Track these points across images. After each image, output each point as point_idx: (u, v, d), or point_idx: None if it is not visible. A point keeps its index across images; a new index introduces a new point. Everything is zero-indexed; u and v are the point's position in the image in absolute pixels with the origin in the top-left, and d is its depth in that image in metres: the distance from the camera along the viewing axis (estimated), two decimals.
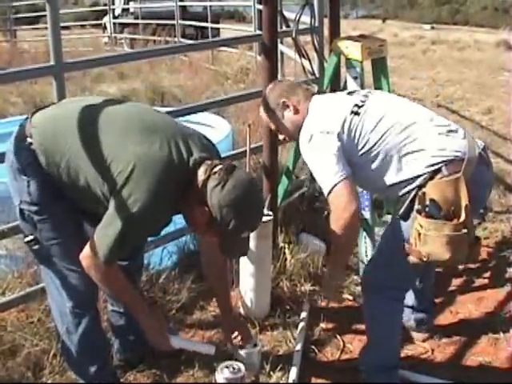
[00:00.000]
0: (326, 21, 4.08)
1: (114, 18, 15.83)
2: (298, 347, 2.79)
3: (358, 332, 3.02)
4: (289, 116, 2.62)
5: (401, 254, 2.28)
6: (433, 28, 23.05)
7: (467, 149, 2.28)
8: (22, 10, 18.86)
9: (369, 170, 2.41)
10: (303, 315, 3.06)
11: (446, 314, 3.19)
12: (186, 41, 11.50)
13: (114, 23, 15.60)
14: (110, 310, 2.67)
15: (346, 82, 3.45)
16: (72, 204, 2.23)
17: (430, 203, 2.20)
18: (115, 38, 15.47)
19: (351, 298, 3.29)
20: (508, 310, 3.18)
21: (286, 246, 3.42)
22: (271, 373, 2.63)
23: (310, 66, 4.01)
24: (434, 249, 2.17)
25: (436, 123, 2.39)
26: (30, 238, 2.22)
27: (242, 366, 2.36)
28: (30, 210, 2.19)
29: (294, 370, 2.63)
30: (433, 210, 2.19)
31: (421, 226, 2.18)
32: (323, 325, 3.05)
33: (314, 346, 2.88)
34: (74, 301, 2.27)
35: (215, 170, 2.02)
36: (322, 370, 2.75)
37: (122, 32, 15.49)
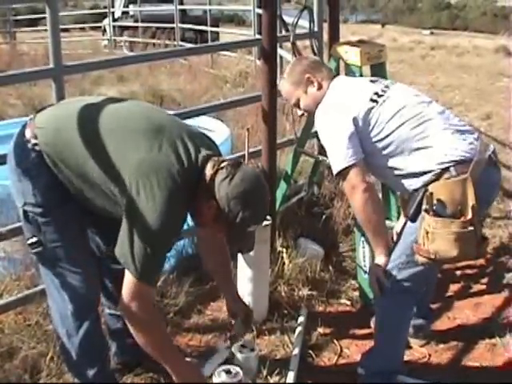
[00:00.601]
0: (326, 25, 4.10)
1: (114, 20, 15.85)
2: (296, 352, 2.79)
3: (355, 337, 3.02)
4: (312, 91, 2.70)
5: (412, 257, 2.33)
6: (432, 33, 23.13)
7: (478, 151, 2.32)
8: (21, 12, 18.83)
9: (379, 158, 2.47)
10: (301, 320, 3.06)
11: (443, 319, 3.19)
12: (186, 44, 11.53)
13: (114, 26, 15.61)
14: (107, 313, 2.66)
15: None
16: (77, 206, 2.23)
17: (438, 203, 2.24)
18: (115, 40, 15.49)
19: (349, 302, 3.29)
20: (505, 315, 3.18)
21: (284, 251, 3.42)
22: (268, 377, 2.63)
23: None
24: (442, 246, 2.21)
25: (451, 122, 2.44)
26: (33, 239, 2.20)
27: (239, 370, 2.37)
28: (35, 211, 2.17)
29: (291, 375, 2.62)
30: (440, 209, 2.23)
31: (429, 225, 2.22)
32: (321, 329, 3.05)
33: (311, 351, 2.88)
34: (76, 303, 2.26)
35: (222, 165, 2.05)
36: (319, 374, 2.75)
37: (121, 35, 15.50)
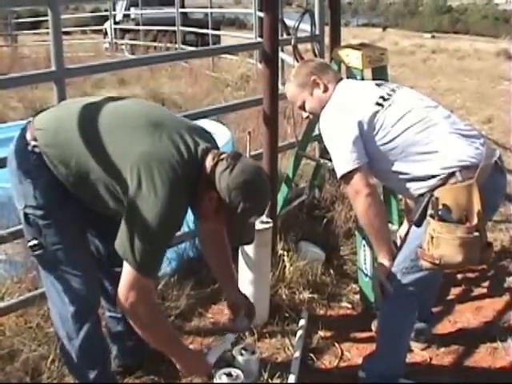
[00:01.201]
0: (327, 29, 4.10)
1: (115, 23, 15.86)
2: (297, 355, 2.79)
3: (356, 340, 3.02)
4: (318, 94, 2.70)
5: (416, 261, 2.33)
6: (433, 37, 23.17)
7: (484, 156, 2.32)
8: (23, 15, 18.88)
9: (383, 162, 2.46)
10: (302, 323, 3.05)
11: (444, 323, 3.18)
12: (187, 47, 11.54)
13: (115, 29, 15.61)
14: (107, 315, 2.66)
15: None
16: (78, 208, 2.23)
17: (443, 208, 2.23)
18: (116, 43, 15.49)
19: (350, 306, 3.29)
20: (506, 319, 3.18)
21: (285, 254, 3.41)
22: (269, 380, 2.62)
23: None
24: (447, 251, 2.20)
25: (457, 127, 2.43)
26: (34, 242, 2.20)
27: (240, 372, 2.37)
28: (36, 214, 2.17)
29: (292, 378, 2.62)
30: (445, 214, 2.22)
31: (433, 230, 2.21)
32: (322, 333, 3.04)
33: (312, 354, 2.87)
34: (76, 306, 2.26)
35: (222, 156, 2.08)
36: (320, 377, 2.75)
37: (122, 38, 15.49)
